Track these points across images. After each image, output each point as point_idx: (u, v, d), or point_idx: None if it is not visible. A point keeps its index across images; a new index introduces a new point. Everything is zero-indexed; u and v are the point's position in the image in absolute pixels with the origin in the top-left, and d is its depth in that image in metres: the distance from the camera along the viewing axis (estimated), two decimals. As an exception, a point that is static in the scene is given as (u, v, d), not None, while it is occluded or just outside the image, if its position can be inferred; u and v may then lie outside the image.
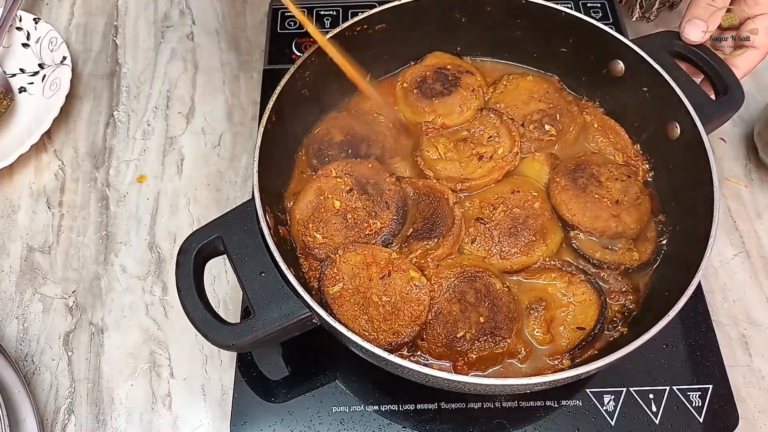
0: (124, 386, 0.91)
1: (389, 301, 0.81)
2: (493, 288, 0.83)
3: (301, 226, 0.88)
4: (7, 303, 0.98)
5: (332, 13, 1.22)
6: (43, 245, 1.03)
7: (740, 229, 1.05)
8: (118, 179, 1.10)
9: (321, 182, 0.90)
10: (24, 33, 1.19)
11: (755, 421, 0.89)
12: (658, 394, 0.86)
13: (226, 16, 1.29)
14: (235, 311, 0.96)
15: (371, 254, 0.84)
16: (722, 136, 1.14)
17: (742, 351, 0.94)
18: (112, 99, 1.19)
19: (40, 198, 1.07)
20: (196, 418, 0.89)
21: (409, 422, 0.85)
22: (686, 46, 0.95)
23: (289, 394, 0.87)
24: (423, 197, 0.90)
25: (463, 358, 0.80)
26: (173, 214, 1.06)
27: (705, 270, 0.86)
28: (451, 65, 1.02)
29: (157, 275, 1.00)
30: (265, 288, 0.76)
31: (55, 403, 0.90)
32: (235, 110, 1.17)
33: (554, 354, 0.81)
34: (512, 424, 0.85)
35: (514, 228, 0.87)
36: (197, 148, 1.13)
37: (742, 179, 1.10)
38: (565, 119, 0.97)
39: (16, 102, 1.14)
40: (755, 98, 1.18)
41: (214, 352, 0.93)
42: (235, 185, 1.09)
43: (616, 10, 1.24)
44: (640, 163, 0.95)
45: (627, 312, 0.85)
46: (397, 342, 0.79)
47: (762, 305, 0.98)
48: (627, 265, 0.87)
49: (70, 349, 0.94)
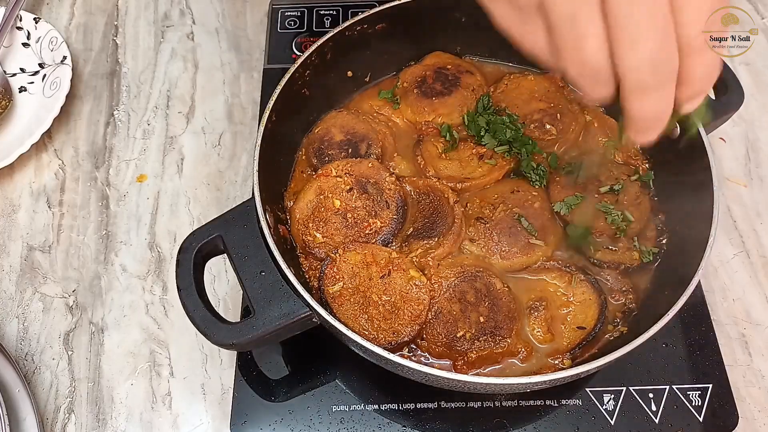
0: (124, 385, 0.91)
1: (389, 300, 0.81)
2: (493, 287, 0.83)
3: (301, 226, 0.88)
4: (8, 302, 0.98)
5: (332, 12, 1.22)
6: (44, 244, 1.03)
7: (740, 228, 1.05)
8: (118, 179, 1.10)
9: (321, 181, 0.90)
10: (24, 32, 1.19)
11: (755, 421, 0.89)
12: (658, 393, 0.87)
13: (227, 15, 1.29)
14: (235, 310, 0.96)
15: (371, 253, 0.84)
16: (722, 136, 1.14)
17: (741, 350, 0.94)
18: (112, 98, 1.19)
19: (41, 197, 1.08)
20: (196, 417, 0.89)
21: (408, 421, 0.86)
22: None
23: (289, 393, 0.87)
24: (423, 196, 0.90)
25: (463, 358, 0.80)
26: (173, 214, 1.06)
27: (705, 270, 0.86)
28: (451, 65, 1.02)
29: (157, 274, 1.00)
30: (265, 287, 0.76)
31: (56, 402, 0.90)
32: (236, 110, 1.17)
33: (555, 353, 0.82)
34: (512, 423, 0.85)
35: (514, 228, 0.87)
36: (197, 147, 1.13)
37: (742, 179, 1.10)
38: (566, 119, 0.97)
39: (16, 101, 1.14)
40: (755, 98, 1.18)
41: (214, 352, 0.93)
42: (235, 184, 1.09)
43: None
44: (640, 162, 0.95)
45: (627, 311, 0.85)
46: (397, 341, 0.79)
47: (762, 305, 0.98)
48: (627, 264, 0.87)
49: (71, 348, 0.94)
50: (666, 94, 0.56)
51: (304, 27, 1.20)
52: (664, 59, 0.54)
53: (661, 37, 0.53)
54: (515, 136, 0.93)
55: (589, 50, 0.54)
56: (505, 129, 0.93)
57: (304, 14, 1.22)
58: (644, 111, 0.57)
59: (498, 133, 0.93)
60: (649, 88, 0.55)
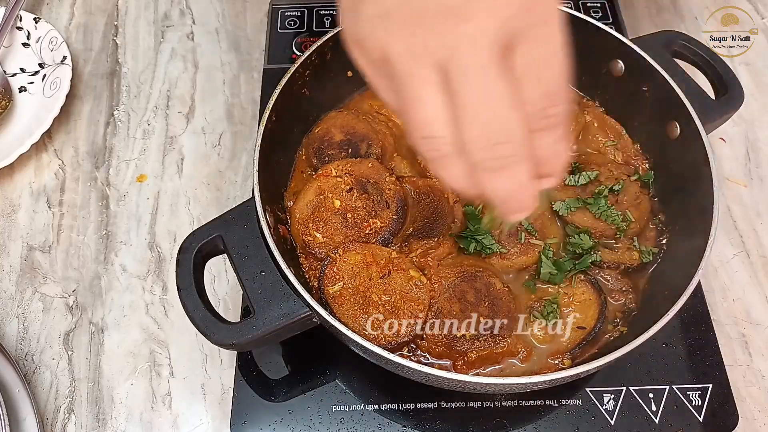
0: (124, 385, 0.92)
1: (389, 300, 0.81)
2: (493, 287, 0.83)
3: (301, 225, 0.88)
4: (7, 302, 0.98)
5: (332, 12, 1.22)
6: (44, 244, 1.03)
7: (740, 228, 1.05)
8: (118, 179, 1.10)
9: (321, 181, 0.90)
10: (24, 32, 1.19)
11: (755, 421, 0.89)
12: (658, 393, 0.86)
13: (226, 15, 1.29)
14: (235, 310, 0.96)
15: (371, 253, 0.84)
16: (722, 135, 1.14)
17: (741, 350, 0.94)
18: (112, 98, 1.19)
19: (41, 197, 1.08)
20: (196, 417, 0.89)
21: (408, 421, 0.86)
22: (686, 46, 0.95)
23: (289, 393, 0.87)
24: (423, 196, 0.90)
25: (463, 358, 0.80)
26: (173, 214, 1.06)
27: (705, 269, 0.86)
28: (451, 65, 1.02)
29: (157, 274, 1.00)
30: (265, 287, 0.76)
31: (56, 402, 0.90)
32: (235, 110, 1.17)
33: (555, 353, 0.82)
34: (512, 423, 0.85)
35: (514, 228, 0.87)
36: (197, 147, 1.13)
37: (742, 179, 1.10)
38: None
39: (16, 101, 1.14)
40: (755, 98, 1.18)
41: (214, 352, 0.93)
42: (235, 184, 1.09)
43: (616, 10, 1.24)
44: (640, 162, 0.95)
45: (627, 311, 0.85)
46: (397, 341, 0.79)
47: (762, 305, 0.98)
48: (627, 264, 0.87)
49: (70, 348, 0.94)
50: (514, 174, 0.49)
51: (304, 27, 1.20)
52: (503, 137, 0.48)
53: (498, 111, 0.47)
54: None
55: (425, 117, 0.48)
56: None
57: (304, 14, 1.22)
58: (497, 191, 0.51)
59: None
60: (490, 169, 0.49)
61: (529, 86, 0.48)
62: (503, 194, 0.51)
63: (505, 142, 0.48)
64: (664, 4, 1.31)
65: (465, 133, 0.48)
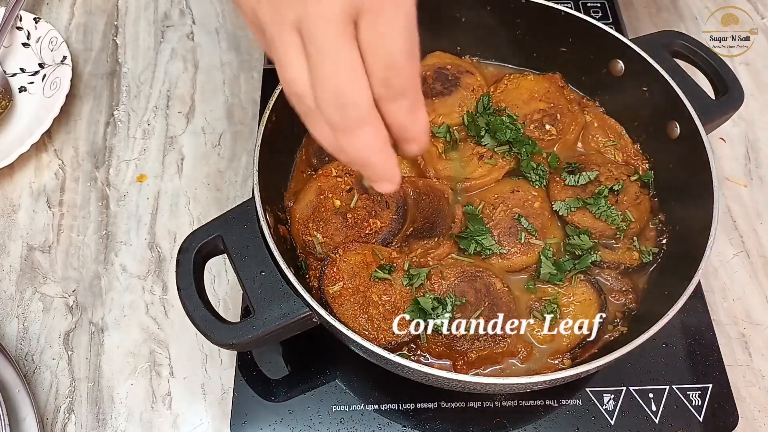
0: (124, 385, 0.91)
1: (389, 300, 0.81)
2: (493, 288, 0.83)
3: (302, 226, 0.88)
4: (7, 302, 0.98)
5: (332, 12, 1.22)
6: (44, 244, 1.03)
7: (740, 228, 1.05)
8: (118, 179, 1.10)
9: (321, 181, 0.90)
10: (24, 32, 1.19)
11: (755, 421, 0.89)
12: (658, 393, 0.87)
13: (226, 15, 1.29)
14: (235, 310, 0.96)
15: (371, 253, 0.84)
16: (722, 136, 1.14)
17: (741, 350, 0.94)
18: (112, 98, 1.19)
19: (40, 197, 1.08)
20: (196, 417, 0.89)
21: (408, 421, 0.86)
22: (686, 46, 0.95)
23: (289, 393, 0.87)
24: (423, 196, 0.90)
25: (463, 358, 0.80)
26: (173, 214, 1.06)
27: (705, 269, 0.86)
28: (451, 65, 1.02)
29: (157, 274, 1.00)
30: (265, 287, 0.76)
31: (56, 402, 0.90)
32: (235, 110, 1.17)
33: (555, 353, 0.82)
34: (512, 423, 0.85)
35: (514, 228, 0.87)
36: (197, 147, 1.13)
37: (742, 179, 1.10)
38: (566, 119, 0.97)
39: (16, 101, 1.14)
40: (755, 98, 1.18)
41: (214, 352, 0.93)
42: (235, 184, 1.09)
43: (616, 10, 1.24)
44: (640, 162, 0.95)
45: (627, 311, 0.85)
46: (397, 341, 0.79)
47: (762, 305, 0.98)
48: (627, 264, 0.87)
49: (71, 348, 0.94)
50: (365, 136, 0.53)
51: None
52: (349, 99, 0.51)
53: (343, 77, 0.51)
54: (515, 137, 0.93)
55: (291, 76, 0.53)
56: (505, 129, 0.93)
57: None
58: (354, 152, 0.54)
59: (498, 134, 0.93)
60: (342, 129, 0.53)
61: (372, 57, 0.52)
62: (361, 157, 0.55)
63: (351, 104, 0.52)
64: (664, 4, 1.31)
65: (317, 93, 0.52)
